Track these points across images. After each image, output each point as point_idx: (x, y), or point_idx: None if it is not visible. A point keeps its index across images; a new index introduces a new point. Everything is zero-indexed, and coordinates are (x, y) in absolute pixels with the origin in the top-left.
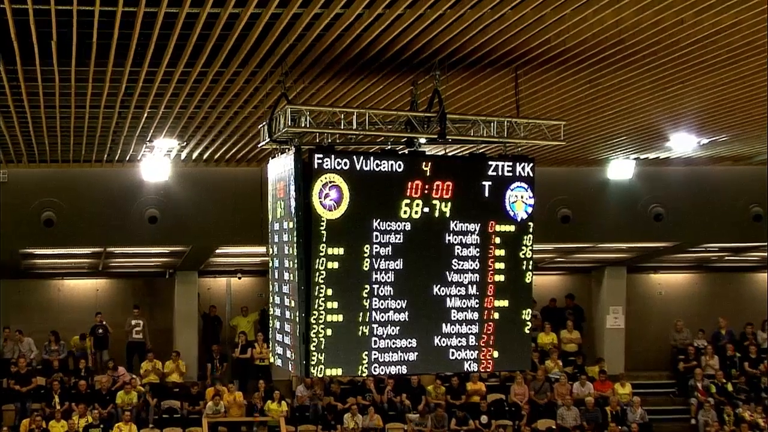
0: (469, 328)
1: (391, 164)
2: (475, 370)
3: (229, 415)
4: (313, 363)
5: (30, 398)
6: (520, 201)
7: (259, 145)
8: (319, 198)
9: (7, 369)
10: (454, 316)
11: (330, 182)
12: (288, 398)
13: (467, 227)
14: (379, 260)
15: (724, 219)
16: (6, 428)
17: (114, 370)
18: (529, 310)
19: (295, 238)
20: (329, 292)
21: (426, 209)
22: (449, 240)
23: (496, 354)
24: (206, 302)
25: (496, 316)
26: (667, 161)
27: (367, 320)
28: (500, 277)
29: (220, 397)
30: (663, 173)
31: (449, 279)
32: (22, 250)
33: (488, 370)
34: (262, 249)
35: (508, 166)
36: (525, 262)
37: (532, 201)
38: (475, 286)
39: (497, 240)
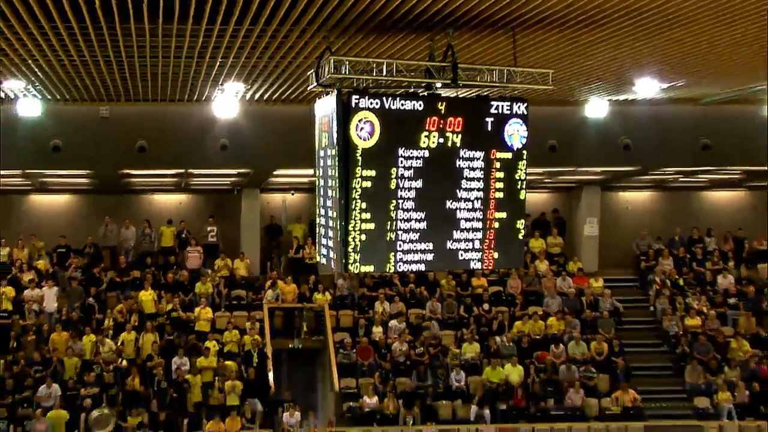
0: (475, 235)
1: (413, 104)
2: (479, 267)
3: (284, 302)
4: (350, 261)
5: (129, 287)
6: (516, 133)
7: (308, 88)
8: (356, 131)
9: (111, 260)
10: (463, 225)
11: (364, 118)
12: (330, 289)
13: (473, 154)
14: (403, 180)
15: (679, 148)
16: (109, 311)
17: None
18: (523, 220)
19: (336, 163)
20: (363, 205)
21: (441, 140)
22: (459, 164)
23: (496, 255)
24: (266, 214)
25: (496, 225)
26: (634, 102)
27: (393, 228)
28: (500, 194)
29: (277, 287)
30: (631, 111)
31: (459, 195)
32: (120, 171)
33: (489, 267)
34: (310, 171)
35: (506, 105)
36: (519, 182)
37: (525, 133)
38: (479, 201)
39: (497, 165)
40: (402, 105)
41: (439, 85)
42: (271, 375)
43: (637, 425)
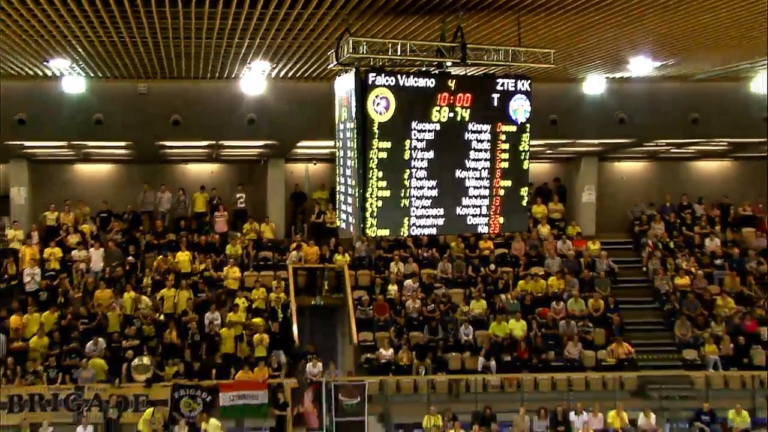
0: (482, 201)
1: (425, 81)
2: (486, 231)
3: (307, 263)
4: (368, 226)
5: (165, 248)
6: (520, 108)
7: (328, 67)
8: (373, 105)
9: (149, 223)
10: (471, 193)
11: (380, 94)
12: (350, 251)
13: (481, 127)
14: (416, 151)
15: (670, 122)
16: (148, 270)
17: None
18: (526, 188)
19: (355, 135)
20: (379, 174)
21: (451, 114)
22: (468, 137)
23: (501, 220)
24: (290, 182)
25: (502, 192)
26: (629, 79)
27: (407, 195)
28: (505, 164)
29: (301, 249)
30: (626, 88)
31: (467, 165)
32: (157, 143)
33: (496, 231)
34: (331, 143)
35: (511, 82)
36: (523, 153)
37: (529, 108)
38: (486, 170)
39: (503, 137)
40: (415, 82)
41: (449, 63)
42: (295, 329)
43: (631, 375)
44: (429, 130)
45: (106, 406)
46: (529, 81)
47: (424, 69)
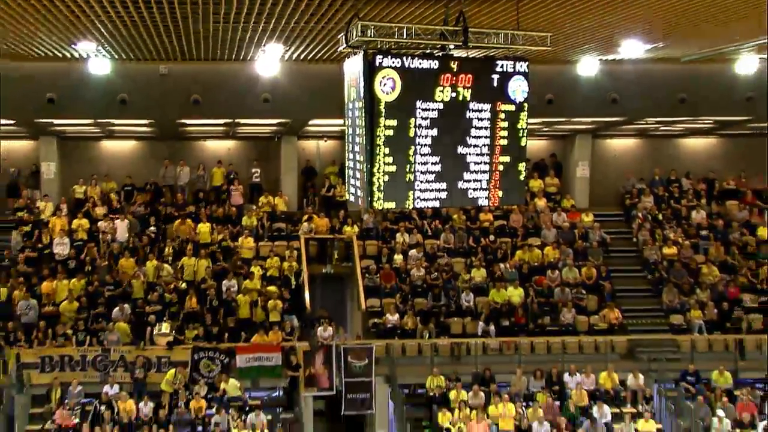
0: (482, 176)
1: (429, 63)
2: (486, 204)
3: (317, 234)
4: (375, 199)
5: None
6: (518, 89)
7: (338, 49)
8: (380, 86)
9: (170, 196)
10: (472, 168)
11: (387, 75)
12: (358, 223)
13: (481, 107)
14: (420, 129)
15: (659, 101)
16: (169, 240)
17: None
18: (524, 163)
19: (363, 114)
20: (386, 150)
21: (453, 94)
22: (469, 115)
23: (500, 193)
24: (302, 158)
25: (501, 167)
26: (621, 61)
27: (412, 170)
28: (504, 141)
29: (312, 221)
30: (618, 69)
31: (469, 142)
32: (177, 121)
33: (495, 204)
34: (340, 121)
35: (510, 64)
36: (521, 131)
37: (526, 88)
38: (486, 147)
39: (502, 116)
40: (419, 64)
41: (451, 46)
42: (306, 296)
43: (621, 339)
44: (432, 109)
45: (131, 367)
46: (527, 63)
47: (428, 51)
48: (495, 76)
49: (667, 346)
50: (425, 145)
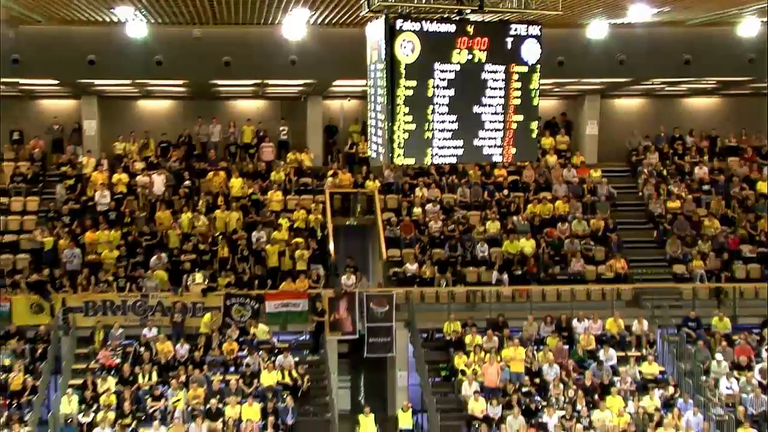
0: (497, 134)
1: (447, 26)
2: (500, 160)
3: (341, 188)
4: (395, 155)
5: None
6: (531, 51)
7: (361, 14)
8: (400, 48)
9: (201, 153)
10: (487, 126)
11: (407, 38)
12: (379, 178)
13: (496, 68)
14: (438, 90)
15: (664, 62)
16: (203, 193)
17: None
18: (536, 122)
19: (384, 75)
20: (406, 110)
21: (470, 56)
22: (484, 77)
23: (513, 150)
24: (327, 116)
25: (514, 126)
26: (629, 25)
27: (430, 128)
28: (517, 101)
29: (336, 176)
30: (627, 33)
31: (484, 102)
32: (210, 81)
33: (509, 160)
34: (363, 82)
35: (523, 27)
36: (533, 91)
37: (539, 51)
38: (501, 106)
39: (515, 77)
40: (438, 27)
41: (468, 11)
42: (331, 246)
43: (627, 287)
44: (450, 71)
45: (169, 311)
46: (539, 26)
47: (445, 16)
48: (509, 39)
49: (670, 294)
50: (443, 104)
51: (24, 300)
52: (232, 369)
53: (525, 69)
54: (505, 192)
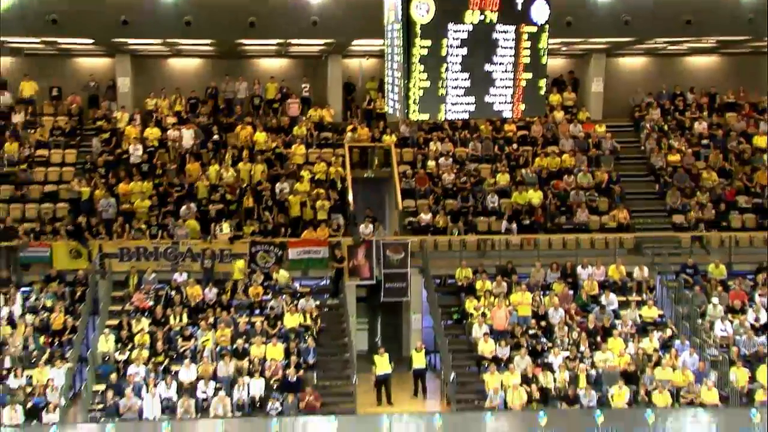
0: (507, 91)
1: None
2: (510, 116)
3: (360, 142)
4: (411, 111)
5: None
6: (540, 12)
7: None
8: (416, 9)
9: (228, 108)
10: (498, 84)
11: (422, 0)
12: (396, 132)
13: (507, 29)
14: (451, 49)
15: (667, 23)
16: (229, 147)
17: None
18: (544, 80)
19: (400, 35)
20: (421, 68)
21: (481, 17)
22: (495, 36)
23: (522, 106)
24: (346, 74)
25: (524, 84)
26: None
27: (444, 86)
28: (526, 60)
29: (356, 131)
30: None
31: (495, 60)
32: (236, 41)
33: (518, 116)
34: (380, 41)
35: None
36: (542, 51)
37: (548, 12)
38: (511, 65)
39: (525, 37)
40: None
41: None
42: (350, 197)
43: (628, 236)
44: (462, 31)
45: (198, 258)
46: None
47: None
48: (519, 1)
49: (669, 242)
50: (456, 63)
51: (64, 246)
52: (257, 311)
53: (534, 29)
54: (515, 146)
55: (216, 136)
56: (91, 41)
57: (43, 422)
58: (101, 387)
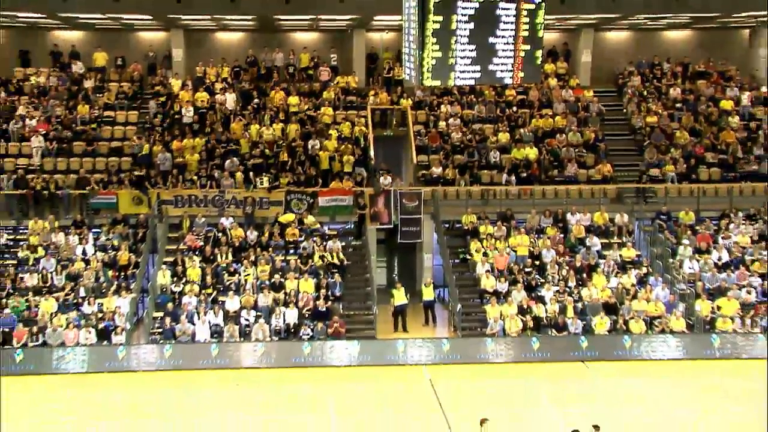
0: (508, 60)
1: None
2: (510, 82)
3: (380, 105)
4: (424, 78)
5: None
6: None
7: None
8: None
9: (267, 75)
10: (500, 54)
11: None
12: (412, 96)
13: (508, 5)
14: (460, 24)
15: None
16: (268, 109)
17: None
18: (540, 51)
19: (416, 11)
20: (434, 40)
21: None
22: (498, 13)
23: (521, 74)
24: (369, 45)
25: (522, 54)
26: None
27: (453, 56)
28: (525, 33)
29: (377, 95)
30: None
31: (498, 34)
32: (273, 16)
33: (517, 82)
34: (399, 17)
35: None
36: (539, 25)
37: None
38: (512, 38)
39: (524, 13)
40: None
41: None
42: (372, 152)
43: (611, 187)
44: (470, 8)
45: (241, 204)
46: None
47: None
48: None
49: (646, 192)
50: (464, 36)
51: (127, 194)
52: (291, 251)
53: (532, 6)
54: (514, 108)
55: (256, 100)
56: (150, 17)
57: (112, 343)
58: (160, 314)
